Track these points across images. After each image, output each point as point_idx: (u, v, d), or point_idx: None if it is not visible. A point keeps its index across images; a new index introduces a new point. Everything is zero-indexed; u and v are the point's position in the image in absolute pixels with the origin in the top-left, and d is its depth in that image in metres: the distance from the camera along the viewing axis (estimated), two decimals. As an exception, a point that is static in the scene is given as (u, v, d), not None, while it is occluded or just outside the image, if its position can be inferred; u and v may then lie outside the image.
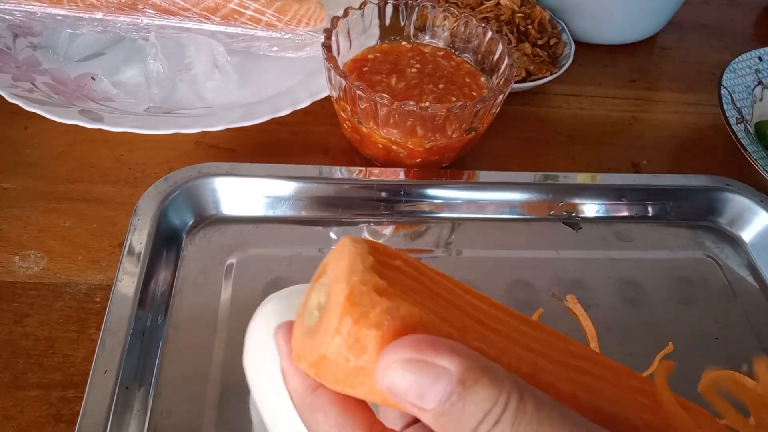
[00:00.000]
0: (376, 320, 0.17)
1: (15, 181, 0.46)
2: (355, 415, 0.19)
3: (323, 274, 0.20)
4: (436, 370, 0.16)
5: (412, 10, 0.50)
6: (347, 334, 0.17)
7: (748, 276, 0.46)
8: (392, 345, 0.17)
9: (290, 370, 0.20)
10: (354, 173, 0.45)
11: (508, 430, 0.16)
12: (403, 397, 0.17)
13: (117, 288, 0.36)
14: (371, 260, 0.18)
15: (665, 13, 0.68)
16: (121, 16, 0.48)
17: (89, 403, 0.31)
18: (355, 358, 0.18)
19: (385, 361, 0.17)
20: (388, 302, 0.17)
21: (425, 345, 0.16)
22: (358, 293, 0.17)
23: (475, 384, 0.16)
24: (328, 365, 0.18)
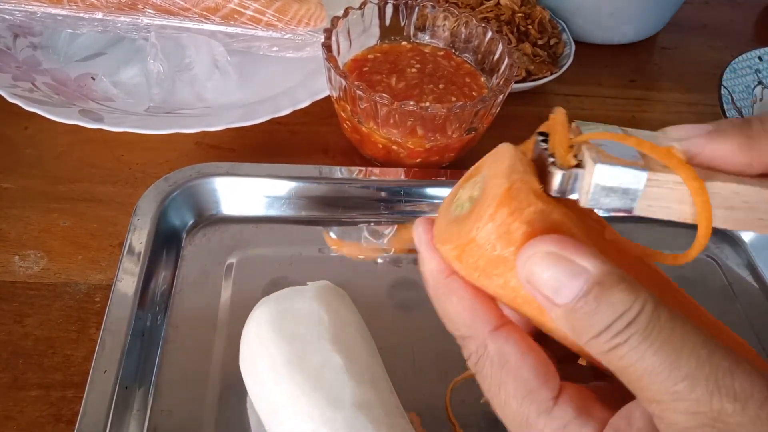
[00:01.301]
0: (529, 217, 0.18)
1: (15, 181, 0.46)
2: (488, 304, 0.20)
3: (476, 174, 0.21)
4: (576, 267, 0.17)
5: (412, 10, 0.50)
6: (500, 223, 0.18)
7: (748, 276, 0.46)
8: (539, 237, 0.18)
9: (429, 255, 0.21)
10: (354, 173, 0.45)
11: (641, 332, 0.16)
12: (539, 287, 0.17)
13: (117, 288, 0.36)
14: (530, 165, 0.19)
15: (665, 13, 0.68)
16: (121, 16, 0.48)
17: (89, 403, 0.31)
18: (502, 248, 0.18)
19: (529, 250, 0.18)
20: (542, 204, 0.18)
21: (569, 244, 0.17)
22: (517, 189, 0.18)
23: (612, 287, 0.17)
24: (473, 250, 0.19)
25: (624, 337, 0.16)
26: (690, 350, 0.16)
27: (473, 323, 0.20)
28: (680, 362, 0.16)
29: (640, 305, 0.16)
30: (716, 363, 0.16)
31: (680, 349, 0.16)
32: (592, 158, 0.18)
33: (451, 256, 0.20)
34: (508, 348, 0.19)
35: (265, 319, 0.32)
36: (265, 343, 0.31)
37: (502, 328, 0.20)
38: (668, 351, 0.16)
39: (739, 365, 0.16)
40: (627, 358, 0.16)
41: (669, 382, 0.16)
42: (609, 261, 0.17)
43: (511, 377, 0.19)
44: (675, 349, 0.16)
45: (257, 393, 0.31)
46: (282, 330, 0.31)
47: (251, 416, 0.34)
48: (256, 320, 0.32)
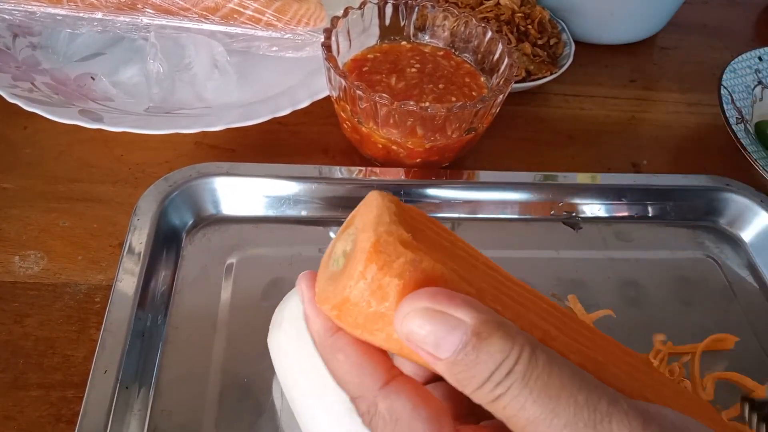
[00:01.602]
0: (399, 270, 0.18)
1: (15, 181, 0.46)
2: (374, 358, 0.20)
3: (350, 225, 0.21)
4: (453, 321, 0.17)
5: (412, 10, 0.50)
6: (371, 279, 0.18)
7: (748, 276, 0.46)
8: (412, 295, 0.18)
9: (313, 313, 0.21)
10: (354, 173, 0.45)
11: (520, 380, 0.16)
12: (420, 345, 0.17)
13: (117, 288, 0.36)
14: (397, 213, 0.19)
15: (665, 13, 0.68)
16: (120, 16, 0.48)
17: (89, 403, 0.31)
18: (377, 304, 0.18)
19: (404, 309, 0.18)
20: (411, 254, 0.18)
21: (443, 297, 0.17)
22: (384, 242, 0.18)
23: (489, 336, 0.17)
24: (350, 308, 0.19)
25: (505, 387, 0.16)
26: (568, 395, 0.16)
27: (361, 382, 0.19)
28: (559, 410, 0.16)
29: (518, 351, 0.16)
30: (593, 406, 0.16)
31: (558, 396, 0.16)
32: None
33: (332, 315, 0.20)
34: (398, 404, 0.19)
35: None
36: None
37: (392, 382, 0.19)
38: (546, 398, 0.16)
39: (617, 405, 0.16)
40: (509, 408, 0.16)
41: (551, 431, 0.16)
42: (483, 307, 0.17)
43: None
44: (553, 396, 0.16)
45: (304, 362, 0.31)
46: None
47: (277, 400, 0.34)
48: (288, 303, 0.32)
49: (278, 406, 0.35)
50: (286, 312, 0.33)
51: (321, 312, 0.20)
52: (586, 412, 0.16)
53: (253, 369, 0.34)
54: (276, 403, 0.35)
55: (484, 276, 0.20)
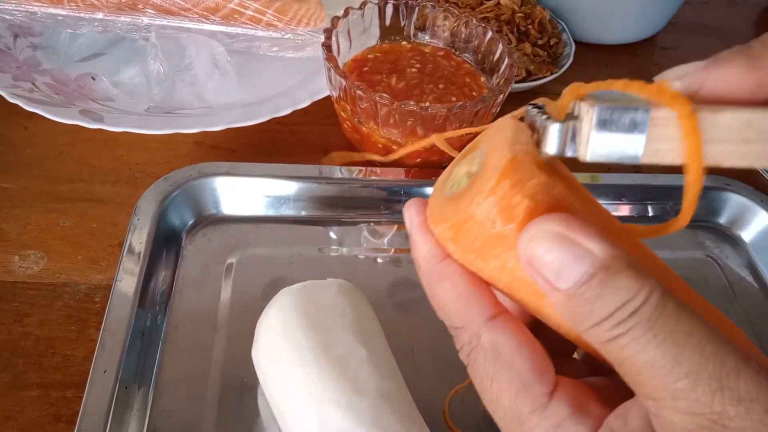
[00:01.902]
0: (532, 190, 0.17)
1: (15, 181, 0.46)
2: (483, 291, 0.19)
3: (473, 150, 0.20)
4: (582, 250, 0.16)
5: (412, 10, 0.50)
6: (502, 196, 0.17)
7: (748, 276, 0.46)
8: (544, 216, 0.17)
9: (422, 237, 0.20)
10: (354, 173, 0.45)
11: (645, 322, 0.15)
12: (541, 270, 0.16)
13: (117, 288, 0.36)
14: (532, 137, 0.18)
15: (665, 13, 0.68)
16: (121, 16, 0.48)
17: (89, 403, 0.31)
18: (502, 223, 0.17)
19: (532, 230, 0.17)
20: (546, 177, 0.17)
21: (576, 224, 0.16)
22: (521, 161, 0.17)
23: (618, 272, 0.16)
24: (470, 227, 0.18)
25: (626, 327, 0.15)
26: (694, 344, 0.15)
27: (467, 312, 0.19)
28: (683, 357, 0.15)
29: (647, 293, 0.15)
30: (721, 360, 0.15)
31: (684, 343, 0.15)
32: (590, 104, 0.17)
33: (446, 237, 0.19)
34: (503, 339, 0.18)
35: (291, 307, 0.32)
36: (291, 329, 0.31)
37: (498, 317, 0.19)
38: (671, 344, 0.15)
39: (747, 364, 0.15)
40: (628, 349, 0.15)
41: (670, 378, 0.15)
42: (617, 244, 0.16)
43: (505, 370, 0.18)
44: (678, 342, 0.15)
45: (277, 380, 0.31)
46: (308, 318, 0.31)
47: (262, 408, 0.34)
48: (280, 307, 0.32)
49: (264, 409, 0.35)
50: (261, 329, 0.33)
51: (430, 237, 0.20)
52: (711, 363, 0.15)
53: (253, 369, 0.34)
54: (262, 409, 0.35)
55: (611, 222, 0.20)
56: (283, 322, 0.32)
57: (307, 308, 0.32)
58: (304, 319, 0.31)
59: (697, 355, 0.15)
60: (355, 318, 0.33)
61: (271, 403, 0.32)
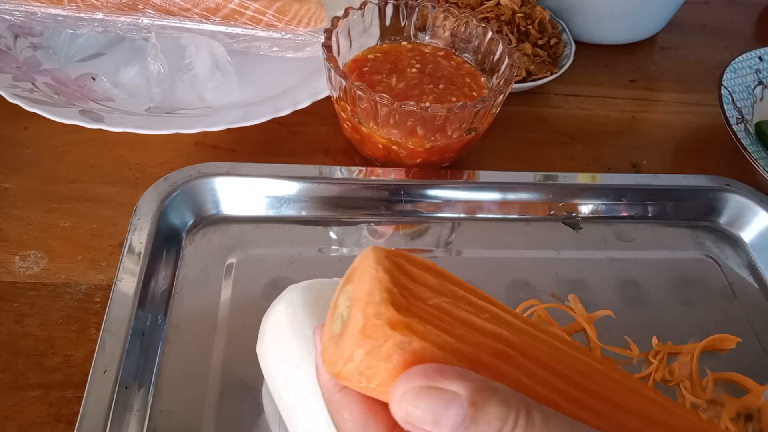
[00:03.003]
0: (388, 354, 0.18)
1: (15, 181, 0.46)
2: (378, 416, 0.20)
3: (350, 282, 0.21)
4: (448, 395, 0.17)
5: (412, 10, 0.50)
6: (359, 362, 0.19)
7: (748, 276, 0.46)
8: (404, 375, 0.18)
9: (321, 368, 0.22)
10: (354, 173, 0.45)
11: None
12: (419, 424, 0.17)
13: (117, 288, 0.36)
14: (389, 286, 0.19)
15: (665, 13, 0.68)
16: (121, 16, 0.48)
17: (89, 403, 0.31)
18: (367, 382, 0.19)
19: (398, 392, 0.18)
20: (400, 336, 0.18)
21: (434, 372, 0.17)
22: (372, 326, 0.18)
23: (485, 405, 0.17)
24: (342, 380, 0.20)
25: None
26: None
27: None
28: None
29: (514, 416, 0.17)
30: None
31: None
32: None
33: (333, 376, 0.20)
34: None
35: (299, 303, 0.32)
36: (300, 325, 0.31)
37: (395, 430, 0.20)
38: None
39: None
40: None
41: None
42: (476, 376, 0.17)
43: None
44: None
45: (283, 375, 0.31)
46: (316, 314, 0.31)
47: (265, 404, 0.34)
48: (287, 303, 0.32)
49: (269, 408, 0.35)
50: (268, 324, 0.33)
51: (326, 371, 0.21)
52: None
53: (253, 369, 0.34)
54: (266, 406, 0.35)
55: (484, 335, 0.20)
56: (291, 318, 0.32)
57: (315, 304, 0.32)
58: (312, 315, 0.31)
59: None
60: None
61: (276, 398, 0.32)
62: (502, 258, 0.45)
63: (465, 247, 0.45)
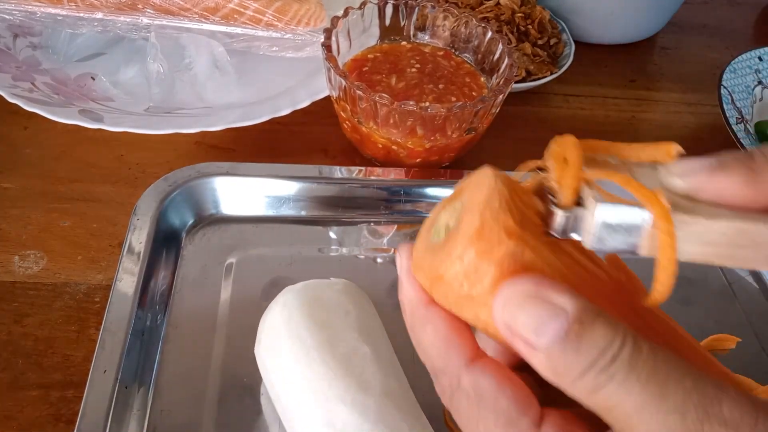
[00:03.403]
0: (499, 258, 0.18)
1: (15, 181, 0.46)
2: (463, 335, 0.20)
3: (457, 198, 0.21)
4: (554, 307, 0.17)
5: (412, 10, 0.50)
6: (468, 263, 0.18)
7: (748, 276, 0.46)
8: (513, 279, 0.17)
9: (408, 282, 0.21)
10: (354, 173, 0.45)
11: (626, 366, 0.16)
12: (519, 331, 0.17)
13: (117, 288, 0.36)
14: (508, 199, 0.19)
15: (665, 13, 0.68)
16: (121, 16, 0.48)
17: (89, 402, 0.31)
18: (469, 287, 0.18)
19: (504, 293, 0.17)
20: (514, 245, 0.18)
21: (545, 283, 0.17)
22: (488, 229, 0.18)
23: (592, 323, 0.16)
24: (442, 285, 0.19)
25: (610, 374, 0.16)
26: (676, 380, 0.16)
27: (447, 355, 0.19)
28: (668, 394, 0.16)
29: (621, 338, 0.16)
30: (702, 391, 0.16)
31: (666, 381, 0.16)
32: (594, 198, 0.18)
33: (425, 285, 0.20)
34: (483, 380, 0.19)
35: (295, 304, 0.32)
36: (296, 327, 0.31)
37: (477, 361, 0.19)
38: (655, 384, 0.16)
39: (725, 391, 0.16)
40: (615, 396, 0.16)
41: (659, 416, 0.16)
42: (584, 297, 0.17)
43: (490, 410, 0.18)
44: (661, 381, 0.16)
45: (281, 377, 0.31)
46: (312, 316, 0.32)
47: (264, 405, 0.34)
48: (284, 305, 0.32)
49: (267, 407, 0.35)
50: (264, 326, 0.33)
51: (415, 282, 0.20)
52: (695, 395, 0.16)
53: (253, 369, 0.34)
54: (265, 406, 0.35)
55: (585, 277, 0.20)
56: (288, 320, 0.32)
57: (311, 306, 0.32)
58: (308, 317, 0.32)
59: (680, 390, 0.16)
60: (358, 317, 0.33)
61: (274, 401, 0.32)
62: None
63: (465, 247, 0.45)
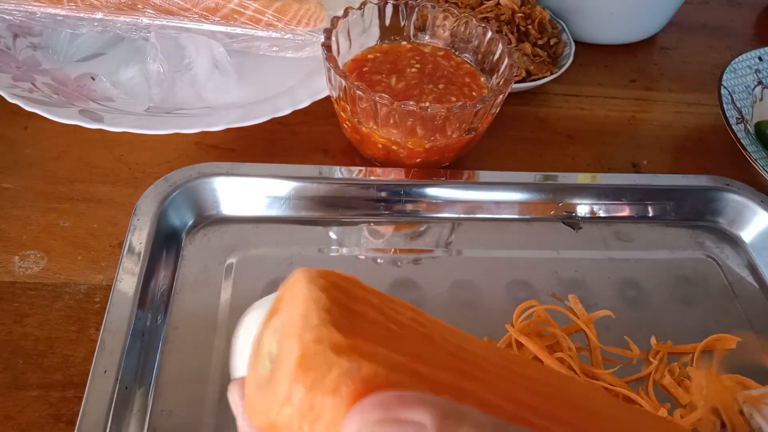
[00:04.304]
0: (334, 385, 0.15)
1: (15, 181, 0.46)
2: None
3: (276, 313, 0.18)
4: (411, 426, 0.14)
5: (412, 10, 0.50)
6: (299, 402, 0.15)
7: (748, 276, 0.46)
8: (356, 409, 0.15)
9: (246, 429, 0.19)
10: (354, 173, 0.45)
11: None
12: None
13: (117, 288, 0.36)
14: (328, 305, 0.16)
15: (665, 13, 0.68)
16: (121, 16, 0.48)
17: (89, 403, 0.31)
18: (311, 427, 0.16)
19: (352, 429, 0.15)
20: (347, 362, 0.15)
21: (392, 401, 0.15)
22: (312, 355, 0.15)
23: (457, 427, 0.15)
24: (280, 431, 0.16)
25: None
26: None
27: None
28: None
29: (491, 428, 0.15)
30: None
31: None
32: None
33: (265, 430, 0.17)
34: None
35: (257, 324, 0.31)
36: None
37: None
38: None
39: None
40: None
41: None
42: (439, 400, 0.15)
43: None
44: None
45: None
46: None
47: None
48: (246, 327, 0.32)
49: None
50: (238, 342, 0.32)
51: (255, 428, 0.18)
52: None
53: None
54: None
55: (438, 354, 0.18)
56: (248, 343, 0.31)
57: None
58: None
59: None
60: None
61: None
62: (501, 258, 0.45)
63: (465, 247, 0.45)
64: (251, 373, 0.18)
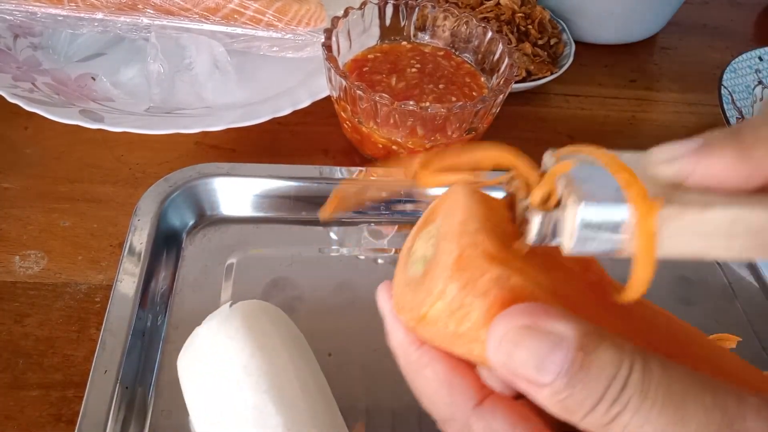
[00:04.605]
0: (484, 288, 0.16)
1: (15, 181, 0.46)
2: (465, 375, 0.18)
3: (432, 220, 0.19)
4: (553, 338, 0.15)
5: (412, 10, 0.50)
6: (451, 299, 0.16)
7: (748, 276, 0.46)
8: (505, 313, 0.16)
9: (394, 326, 0.19)
10: (354, 173, 0.45)
11: (639, 392, 0.14)
12: (519, 370, 0.15)
13: (117, 288, 0.36)
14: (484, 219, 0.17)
15: (665, 13, 0.68)
16: (121, 16, 0.48)
17: (89, 403, 0.31)
18: (457, 325, 0.16)
19: (498, 332, 0.15)
20: (498, 270, 0.16)
21: (539, 311, 0.15)
22: (468, 257, 0.16)
23: (596, 349, 0.15)
24: (427, 325, 0.17)
25: (622, 403, 0.14)
26: (694, 400, 0.14)
27: (452, 401, 0.18)
28: (688, 416, 0.14)
29: (629, 362, 0.15)
30: (723, 407, 0.15)
31: (683, 403, 0.14)
32: (575, 198, 0.16)
33: (411, 326, 0.18)
34: (495, 423, 0.17)
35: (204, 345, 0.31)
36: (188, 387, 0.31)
37: (486, 402, 0.18)
38: (672, 407, 0.14)
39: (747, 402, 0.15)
40: (631, 426, 0.14)
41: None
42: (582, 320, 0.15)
43: None
44: (678, 403, 0.14)
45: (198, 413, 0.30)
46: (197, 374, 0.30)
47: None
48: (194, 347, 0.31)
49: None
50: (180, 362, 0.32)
51: (401, 326, 0.19)
52: (717, 414, 0.14)
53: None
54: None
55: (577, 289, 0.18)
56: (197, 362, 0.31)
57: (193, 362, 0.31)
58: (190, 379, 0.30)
59: (701, 409, 0.14)
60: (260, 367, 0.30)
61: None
62: (502, 258, 0.45)
63: (465, 247, 0.45)
64: (399, 275, 0.19)
